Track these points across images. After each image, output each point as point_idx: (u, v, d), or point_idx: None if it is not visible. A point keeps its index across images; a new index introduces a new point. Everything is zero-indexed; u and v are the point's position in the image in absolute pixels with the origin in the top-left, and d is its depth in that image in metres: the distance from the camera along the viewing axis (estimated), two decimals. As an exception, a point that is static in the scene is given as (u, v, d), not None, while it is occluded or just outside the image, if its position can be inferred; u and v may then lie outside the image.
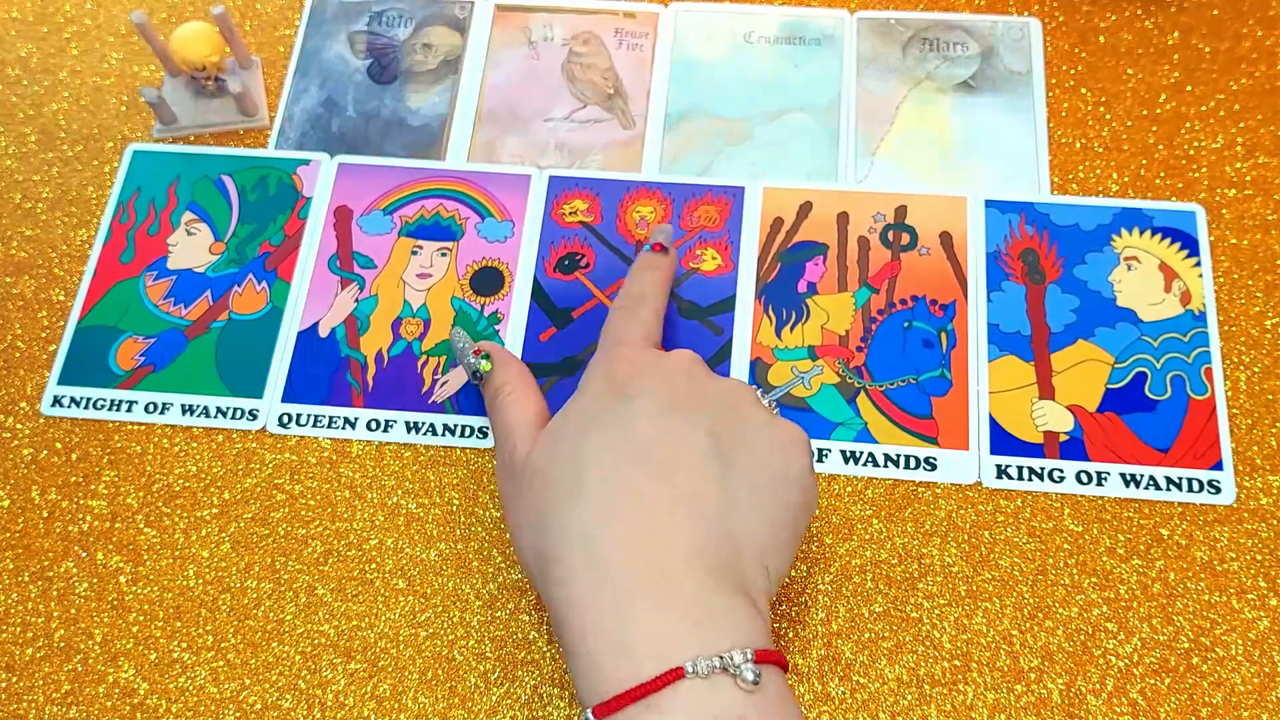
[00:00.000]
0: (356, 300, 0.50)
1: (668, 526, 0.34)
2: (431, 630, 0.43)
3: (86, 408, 0.48)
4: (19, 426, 0.48)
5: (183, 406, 0.48)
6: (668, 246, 0.46)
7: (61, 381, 0.49)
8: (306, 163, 0.54)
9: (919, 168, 0.52)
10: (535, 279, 0.50)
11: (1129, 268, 0.49)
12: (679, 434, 0.36)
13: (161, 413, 0.48)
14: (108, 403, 0.48)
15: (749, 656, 0.31)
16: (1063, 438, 0.46)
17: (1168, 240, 0.50)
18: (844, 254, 0.50)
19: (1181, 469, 0.45)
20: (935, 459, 0.46)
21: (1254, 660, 0.42)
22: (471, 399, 0.48)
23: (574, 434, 0.37)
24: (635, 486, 0.35)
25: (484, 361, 0.43)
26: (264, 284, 0.51)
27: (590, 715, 0.32)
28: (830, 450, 0.46)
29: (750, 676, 0.31)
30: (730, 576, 0.34)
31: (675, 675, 0.31)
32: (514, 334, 0.49)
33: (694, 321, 0.49)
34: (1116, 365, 0.47)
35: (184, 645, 0.44)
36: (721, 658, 0.31)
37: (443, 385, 0.48)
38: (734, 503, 0.35)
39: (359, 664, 0.43)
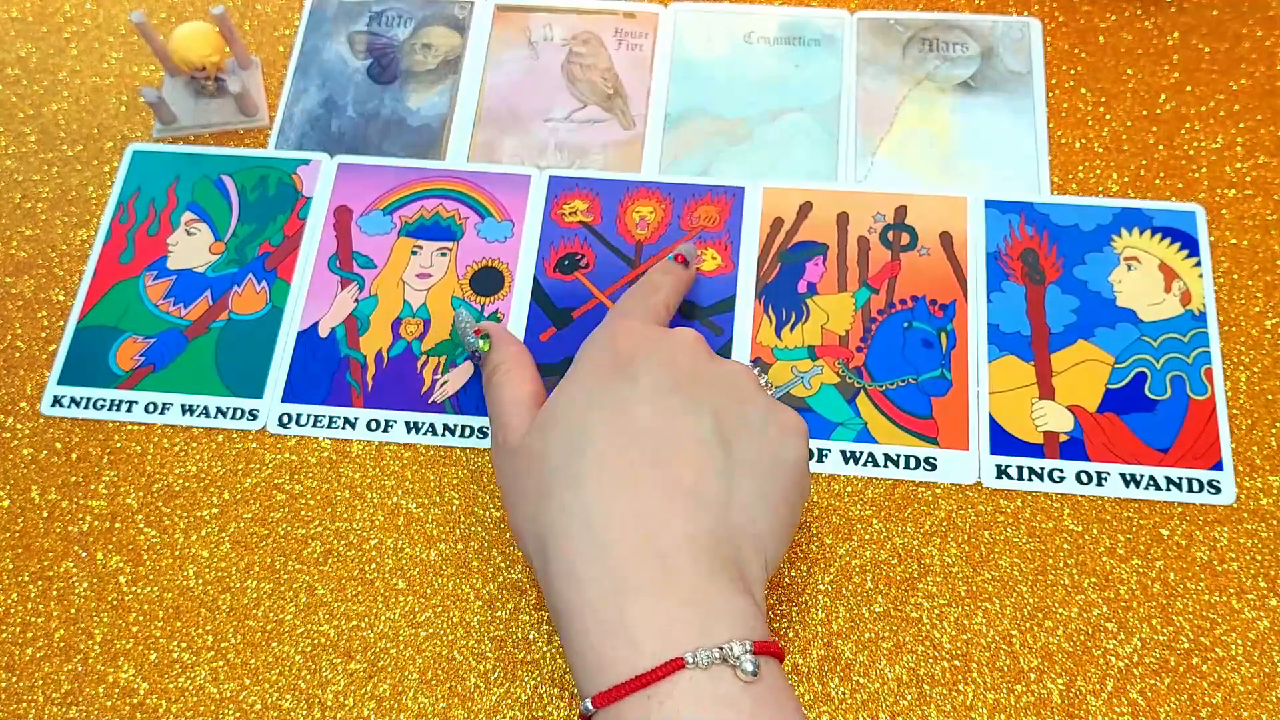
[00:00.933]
0: (356, 300, 0.50)
1: (668, 514, 0.34)
2: (431, 630, 0.43)
3: (86, 408, 0.48)
4: (19, 426, 0.48)
5: (183, 406, 0.48)
6: (690, 262, 0.47)
7: (61, 381, 0.49)
8: (306, 163, 0.54)
9: (919, 168, 0.52)
10: (535, 279, 0.50)
11: (1129, 268, 0.49)
12: (680, 419, 0.36)
13: (161, 413, 0.48)
14: (108, 403, 0.48)
15: (748, 648, 0.31)
16: (1063, 438, 0.46)
17: (1168, 240, 0.50)
18: (844, 254, 0.50)
19: (1181, 469, 0.45)
20: (935, 459, 0.46)
21: (1254, 660, 0.42)
22: (472, 399, 0.48)
23: (573, 414, 0.37)
24: (636, 472, 0.35)
25: (483, 341, 0.44)
26: (264, 284, 0.51)
27: (590, 705, 0.32)
28: (830, 450, 0.46)
29: (749, 667, 0.31)
30: (729, 565, 0.34)
31: (675, 665, 0.31)
32: (514, 334, 0.49)
33: (694, 321, 0.49)
34: (1116, 365, 0.47)
35: (184, 645, 0.44)
36: (721, 649, 0.31)
37: (443, 385, 0.48)
38: (733, 491, 0.35)
39: (359, 664, 0.43)
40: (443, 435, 0.47)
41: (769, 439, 0.37)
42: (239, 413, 0.48)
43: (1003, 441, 0.46)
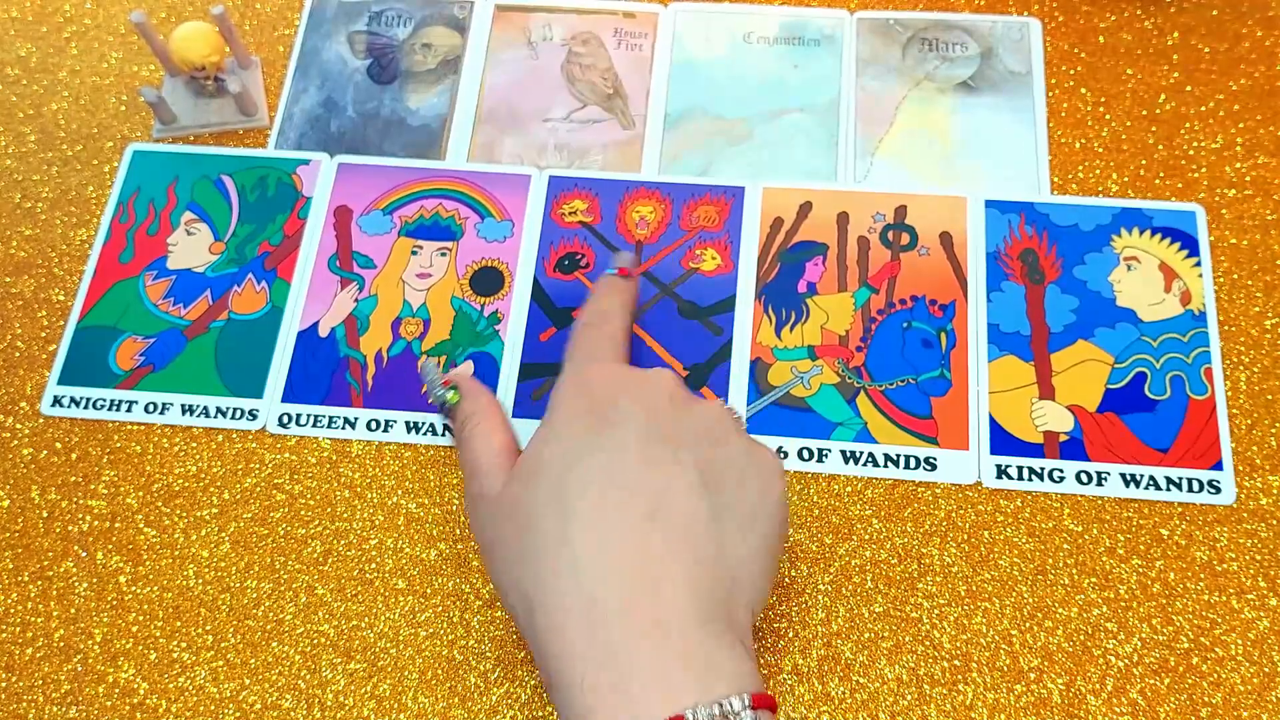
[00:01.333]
0: (356, 300, 0.50)
1: (661, 568, 0.33)
2: (431, 630, 0.43)
3: (86, 408, 0.48)
4: (19, 426, 0.48)
5: (182, 406, 0.48)
6: (631, 271, 0.45)
7: (61, 381, 0.49)
8: (306, 162, 0.54)
9: (919, 168, 0.52)
10: (535, 279, 0.50)
11: (1129, 268, 0.49)
12: (667, 468, 0.35)
13: (161, 413, 0.48)
14: (107, 403, 0.48)
15: (746, 703, 0.31)
16: (1062, 438, 0.46)
17: (1167, 240, 0.50)
18: (844, 254, 0.50)
19: (1181, 469, 0.45)
20: (935, 459, 0.46)
21: (1254, 660, 0.42)
22: (471, 399, 0.48)
23: (556, 466, 0.36)
24: (626, 526, 0.34)
25: (451, 393, 0.42)
26: (264, 284, 0.51)
27: None
28: (830, 450, 0.46)
29: None
30: (720, 615, 0.33)
31: None
32: (514, 334, 0.49)
33: (694, 321, 0.49)
34: (1116, 365, 0.47)
35: (184, 645, 0.44)
36: (720, 705, 0.30)
37: (442, 385, 0.48)
38: (722, 539, 0.34)
39: (359, 664, 0.43)
40: (443, 435, 0.47)
41: (750, 483, 0.36)
42: (239, 413, 0.48)
43: (1003, 441, 0.46)
